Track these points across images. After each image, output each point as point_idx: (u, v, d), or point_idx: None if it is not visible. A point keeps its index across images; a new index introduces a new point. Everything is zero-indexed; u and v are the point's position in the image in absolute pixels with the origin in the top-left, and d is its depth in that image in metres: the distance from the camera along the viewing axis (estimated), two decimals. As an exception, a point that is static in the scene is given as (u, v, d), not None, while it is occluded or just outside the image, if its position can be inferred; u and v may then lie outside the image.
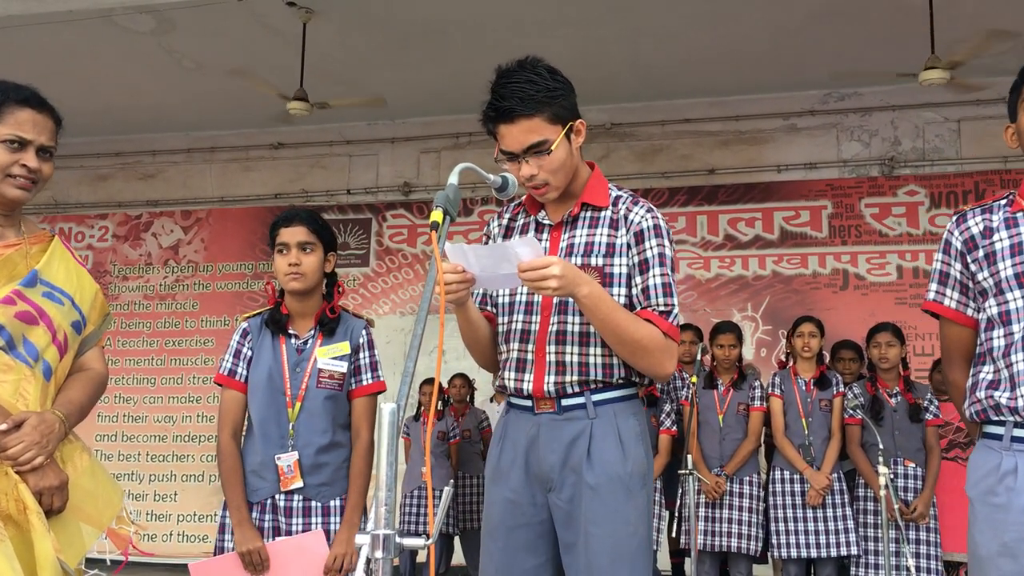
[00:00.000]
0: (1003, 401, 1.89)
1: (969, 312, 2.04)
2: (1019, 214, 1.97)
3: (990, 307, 1.96)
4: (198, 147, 8.31)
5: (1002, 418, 1.90)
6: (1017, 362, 1.88)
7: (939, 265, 2.08)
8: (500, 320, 2.23)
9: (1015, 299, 1.91)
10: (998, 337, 1.93)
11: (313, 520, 2.63)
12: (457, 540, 6.25)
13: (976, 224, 2.01)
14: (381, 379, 2.78)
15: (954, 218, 2.07)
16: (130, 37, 6.25)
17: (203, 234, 8.15)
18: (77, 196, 8.49)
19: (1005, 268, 1.93)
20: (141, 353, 7.95)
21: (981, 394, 1.95)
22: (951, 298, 2.06)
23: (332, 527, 2.63)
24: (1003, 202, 2.02)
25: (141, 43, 6.34)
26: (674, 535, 4.82)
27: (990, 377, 1.94)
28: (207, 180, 8.32)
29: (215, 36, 6.24)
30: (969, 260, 2.01)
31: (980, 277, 1.98)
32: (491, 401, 6.78)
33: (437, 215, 1.74)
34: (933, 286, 2.09)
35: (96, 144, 8.22)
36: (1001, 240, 1.96)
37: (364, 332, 2.78)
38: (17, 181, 2.03)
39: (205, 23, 5.99)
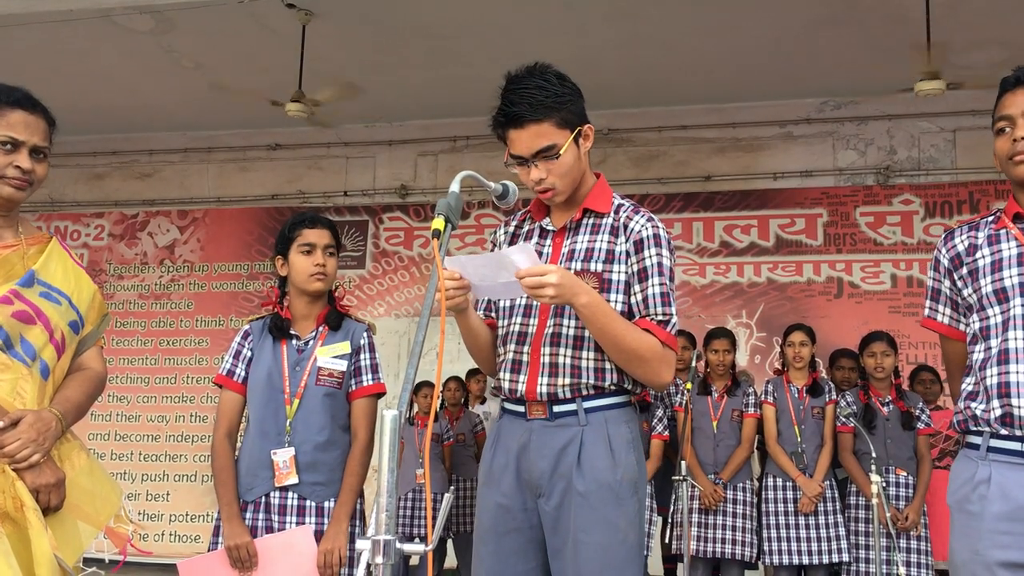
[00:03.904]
0: (978, 413, 1.95)
1: (961, 327, 2.10)
2: (1002, 231, 2.01)
3: (973, 323, 2.02)
4: (195, 147, 8.31)
5: (980, 428, 1.95)
6: (991, 375, 1.93)
7: (931, 282, 2.15)
8: (500, 323, 2.25)
9: (994, 315, 1.96)
10: (979, 351, 1.99)
11: (307, 520, 2.64)
12: (450, 543, 6.26)
13: (962, 242, 2.08)
14: (381, 381, 2.80)
15: (943, 236, 2.14)
16: (129, 36, 6.25)
17: (199, 234, 8.15)
18: (73, 194, 8.48)
19: (986, 284, 1.98)
20: (135, 352, 7.94)
21: (962, 404, 2.02)
22: (943, 314, 2.13)
23: (325, 527, 2.63)
24: (990, 219, 2.08)
25: (140, 42, 6.34)
26: (666, 541, 4.84)
27: (970, 389, 2.00)
28: (204, 180, 8.32)
29: (214, 36, 6.24)
30: (956, 277, 2.07)
31: (966, 293, 2.05)
32: (481, 403, 6.77)
33: (439, 223, 1.75)
34: (927, 303, 2.16)
35: (93, 143, 8.22)
36: (983, 257, 2.01)
37: (365, 335, 2.82)
38: (11, 182, 2.05)
39: (204, 23, 5.99)
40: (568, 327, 2.12)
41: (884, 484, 4.36)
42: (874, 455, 4.11)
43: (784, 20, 5.82)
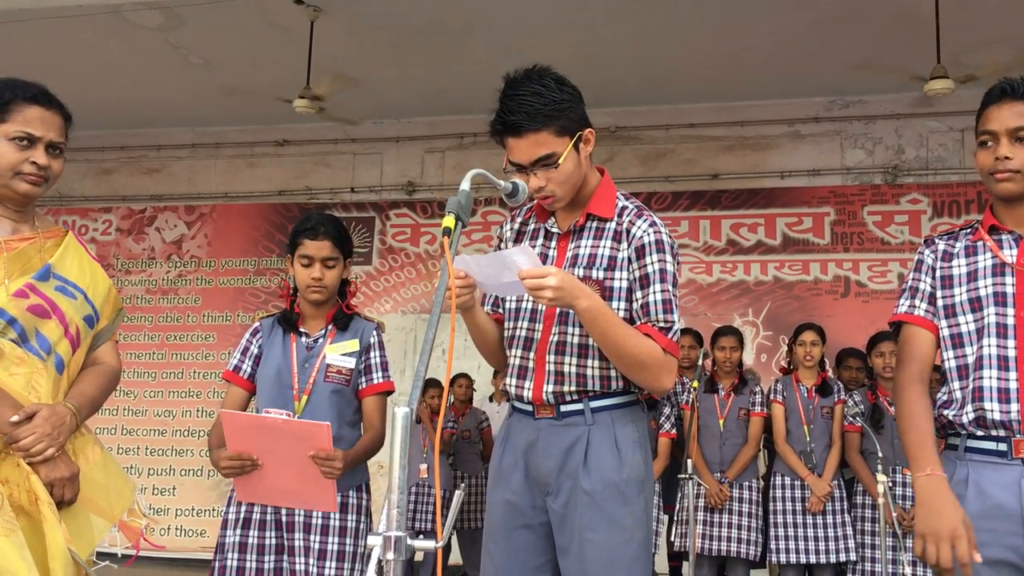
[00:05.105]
0: (951, 418, 2.00)
1: (935, 321, 2.12)
2: (979, 243, 2.06)
3: (942, 329, 2.06)
4: (203, 143, 8.32)
5: (957, 431, 2.00)
6: (972, 380, 1.97)
7: (910, 282, 2.18)
8: (507, 324, 2.26)
9: (966, 322, 2.01)
10: (951, 359, 2.04)
11: (313, 515, 2.64)
12: (454, 539, 6.27)
13: (943, 247, 2.13)
14: (390, 379, 2.82)
15: (924, 241, 2.20)
16: (138, 32, 6.27)
17: (207, 229, 8.17)
18: (82, 189, 8.50)
19: (960, 293, 2.03)
20: (142, 347, 7.96)
21: (935, 413, 2.06)
22: (920, 308, 2.13)
23: (332, 522, 2.64)
24: (967, 230, 2.13)
25: (149, 38, 6.36)
26: (671, 539, 4.84)
27: (944, 398, 2.05)
28: (212, 176, 8.34)
29: (222, 33, 6.26)
30: (937, 275, 2.12)
31: (938, 295, 2.09)
32: (490, 400, 6.79)
33: (449, 221, 1.75)
34: (904, 301, 2.15)
35: (101, 138, 8.23)
36: (959, 266, 2.07)
37: (375, 333, 2.83)
38: (28, 178, 2.05)
39: (213, 20, 6.01)
40: (573, 335, 2.13)
41: (891, 484, 4.36)
42: (881, 455, 4.11)
43: (792, 18, 5.82)
